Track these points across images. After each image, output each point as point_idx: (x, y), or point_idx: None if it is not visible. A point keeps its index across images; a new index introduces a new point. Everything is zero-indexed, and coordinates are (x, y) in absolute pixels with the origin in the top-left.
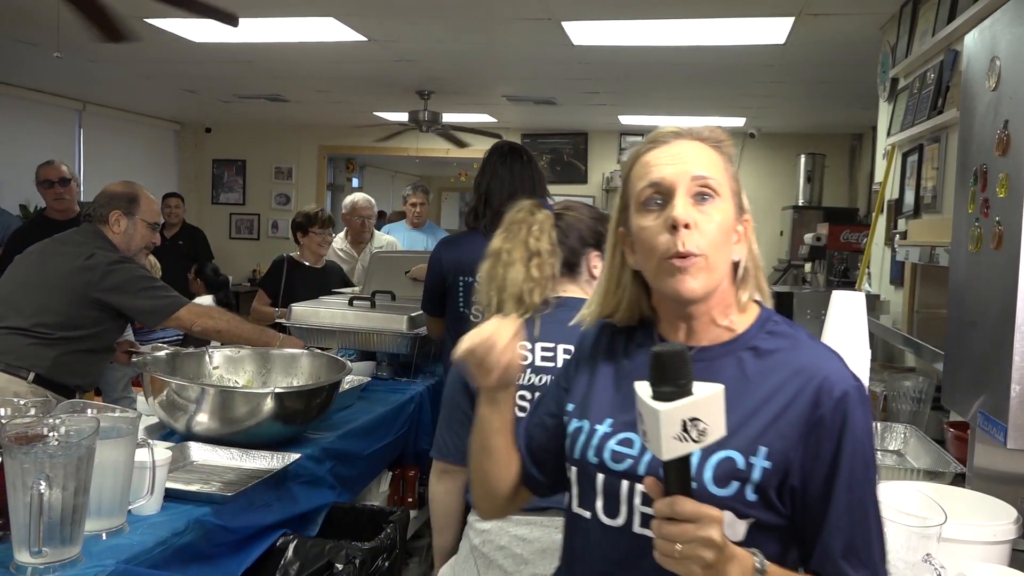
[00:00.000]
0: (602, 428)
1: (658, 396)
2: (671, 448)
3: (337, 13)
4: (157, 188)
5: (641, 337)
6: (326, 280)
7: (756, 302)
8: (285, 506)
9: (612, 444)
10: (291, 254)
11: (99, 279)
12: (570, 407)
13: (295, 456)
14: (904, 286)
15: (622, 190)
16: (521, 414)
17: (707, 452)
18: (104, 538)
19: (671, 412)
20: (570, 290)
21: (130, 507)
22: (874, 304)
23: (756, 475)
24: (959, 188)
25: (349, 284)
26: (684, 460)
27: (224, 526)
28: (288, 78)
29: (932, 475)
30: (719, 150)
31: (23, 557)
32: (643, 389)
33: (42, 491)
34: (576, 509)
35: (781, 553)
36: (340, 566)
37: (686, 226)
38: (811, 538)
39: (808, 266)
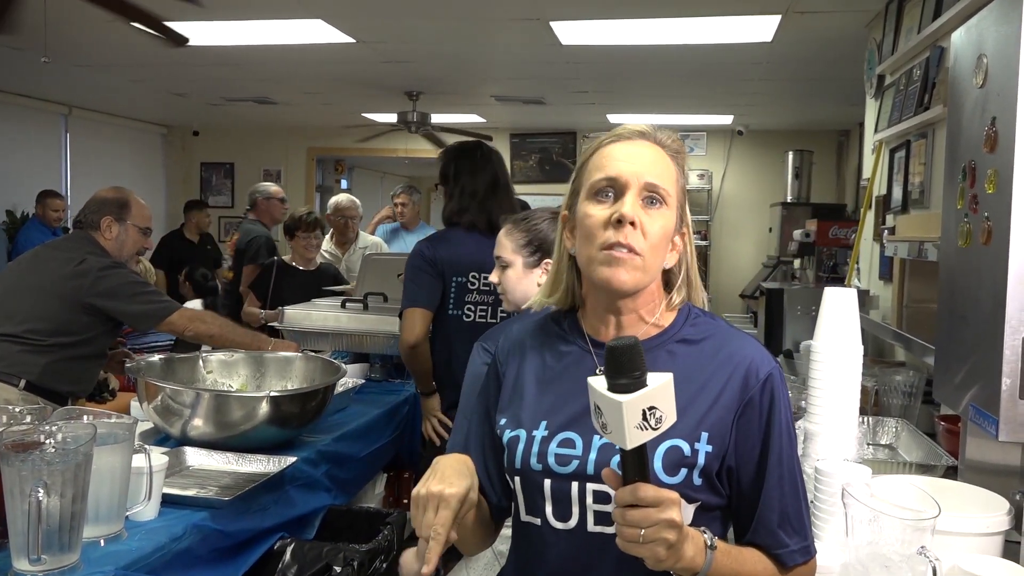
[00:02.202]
0: (539, 433)
1: (614, 388)
2: (634, 437)
3: (325, 15)
4: (144, 192)
5: (568, 338)
6: (317, 282)
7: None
8: (282, 509)
9: (554, 448)
10: (283, 257)
11: (91, 284)
12: (502, 421)
13: (291, 459)
14: (893, 281)
15: (576, 176)
16: None
17: (654, 442)
18: (102, 544)
19: (633, 403)
20: None
21: (128, 513)
22: (864, 299)
23: (701, 460)
24: (948, 184)
25: (342, 282)
26: (643, 448)
27: (222, 530)
28: (276, 80)
29: (924, 468)
30: (675, 160)
31: (22, 565)
32: (598, 383)
33: (40, 498)
34: (525, 518)
35: (722, 532)
36: (338, 568)
37: (632, 224)
38: (747, 513)
39: (797, 262)
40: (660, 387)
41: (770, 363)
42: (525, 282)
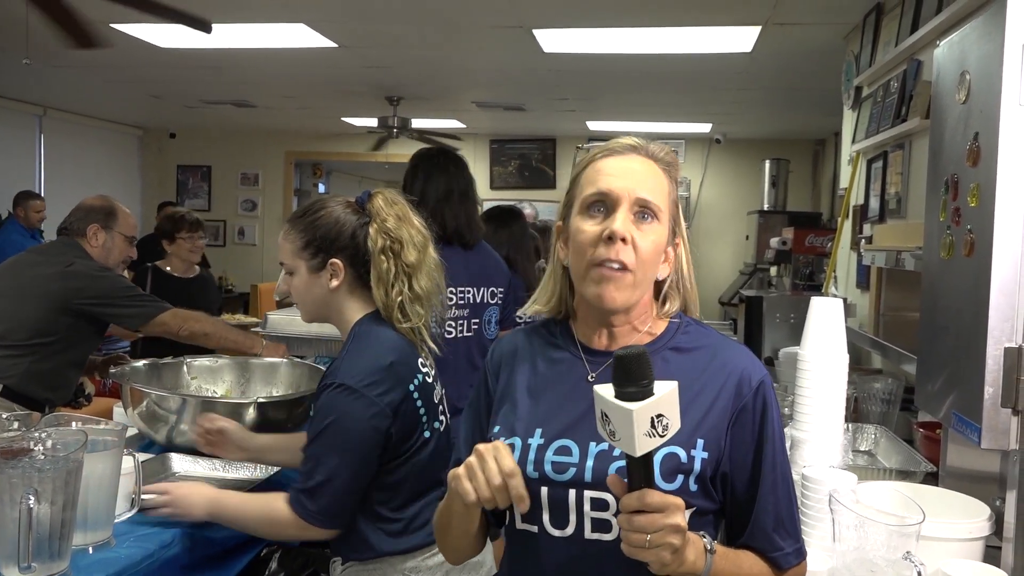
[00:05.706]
0: (535, 441)
1: (622, 396)
2: (643, 444)
3: (308, 19)
4: (120, 195)
5: (559, 345)
6: (196, 291)
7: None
8: None
9: (550, 455)
10: (156, 263)
11: (83, 287)
12: (496, 429)
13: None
14: (870, 289)
15: (569, 188)
16: None
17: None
18: (91, 552)
19: (642, 410)
20: None
21: (116, 519)
22: None
23: (697, 467)
24: (930, 197)
25: (220, 305)
26: (649, 455)
27: (210, 537)
28: (256, 84)
29: (903, 474)
30: (667, 173)
31: (11, 573)
32: (606, 391)
33: (31, 506)
34: (521, 526)
35: (714, 537)
36: (325, 575)
37: (623, 240)
38: (742, 517)
39: (774, 270)
40: (667, 395)
41: (761, 371)
42: (315, 288)
